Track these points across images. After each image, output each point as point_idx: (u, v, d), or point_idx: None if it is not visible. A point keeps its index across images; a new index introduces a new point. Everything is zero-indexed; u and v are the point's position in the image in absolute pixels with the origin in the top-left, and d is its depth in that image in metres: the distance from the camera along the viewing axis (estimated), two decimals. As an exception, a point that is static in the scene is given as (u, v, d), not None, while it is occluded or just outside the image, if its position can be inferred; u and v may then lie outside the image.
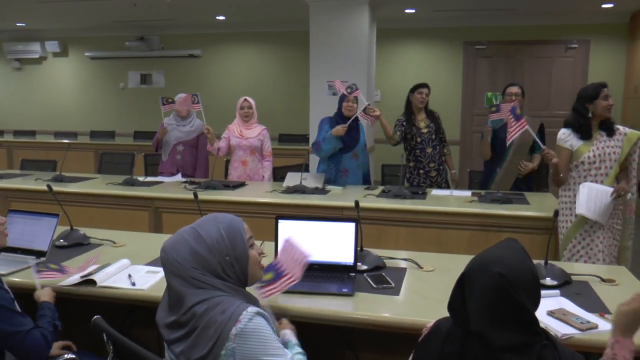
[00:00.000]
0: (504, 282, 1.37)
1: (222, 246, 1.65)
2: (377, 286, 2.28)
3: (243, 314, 1.57)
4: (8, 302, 1.92)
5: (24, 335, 1.88)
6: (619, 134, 3.38)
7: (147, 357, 1.55)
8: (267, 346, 1.57)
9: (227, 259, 1.65)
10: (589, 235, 3.34)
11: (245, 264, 1.69)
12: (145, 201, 4.41)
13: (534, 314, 1.40)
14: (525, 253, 1.47)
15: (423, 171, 4.78)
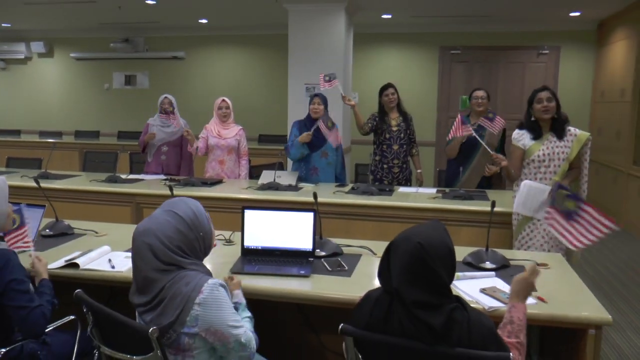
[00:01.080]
0: (420, 249, 1.63)
1: (196, 223, 1.89)
2: (331, 269, 2.54)
3: (205, 285, 1.81)
4: (23, 276, 2.13)
5: (29, 312, 2.09)
6: (569, 135, 3.66)
7: (123, 320, 1.78)
8: (226, 314, 1.82)
9: (200, 235, 1.89)
10: (537, 228, 3.62)
11: (211, 239, 1.94)
12: (127, 197, 4.63)
13: (446, 281, 1.65)
14: (445, 232, 1.73)
15: (387, 166, 5.04)
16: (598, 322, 2.04)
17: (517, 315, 1.85)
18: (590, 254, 5.99)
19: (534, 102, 3.67)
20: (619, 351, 3.62)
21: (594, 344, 2.03)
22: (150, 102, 9.35)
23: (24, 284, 2.12)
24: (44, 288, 2.28)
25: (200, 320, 1.79)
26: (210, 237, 1.96)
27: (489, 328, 1.64)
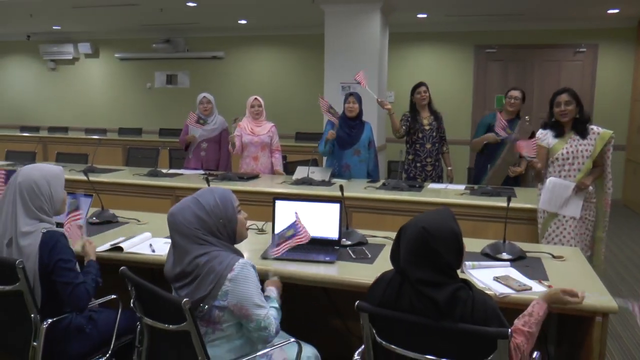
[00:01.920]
0: (424, 233, 1.79)
1: (217, 210, 2.09)
2: (355, 257, 2.70)
3: (236, 264, 2.01)
4: (69, 257, 2.37)
5: (73, 287, 2.31)
6: (592, 134, 3.72)
7: (161, 294, 1.99)
8: (253, 293, 2.02)
9: (220, 221, 2.09)
10: (562, 225, 3.70)
11: (234, 225, 2.13)
12: (168, 190, 4.87)
13: (449, 263, 1.80)
14: (451, 218, 1.87)
15: (420, 164, 5.15)
16: (604, 310, 2.14)
17: (538, 311, 1.99)
18: (621, 251, 6.00)
19: (554, 105, 3.76)
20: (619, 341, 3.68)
21: (601, 331, 2.13)
22: (191, 100, 9.62)
23: (70, 262, 2.35)
24: (90, 268, 2.50)
25: (230, 295, 1.99)
26: (234, 224, 2.15)
27: (492, 307, 1.77)
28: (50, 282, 2.32)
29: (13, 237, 2.34)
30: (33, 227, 2.35)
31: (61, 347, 2.37)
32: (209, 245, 2.06)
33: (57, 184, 2.47)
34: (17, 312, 2.30)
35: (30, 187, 2.38)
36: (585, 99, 8.56)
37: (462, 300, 1.75)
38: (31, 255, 2.30)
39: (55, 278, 2.31)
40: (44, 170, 2.47)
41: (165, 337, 2.07)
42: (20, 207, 2.35)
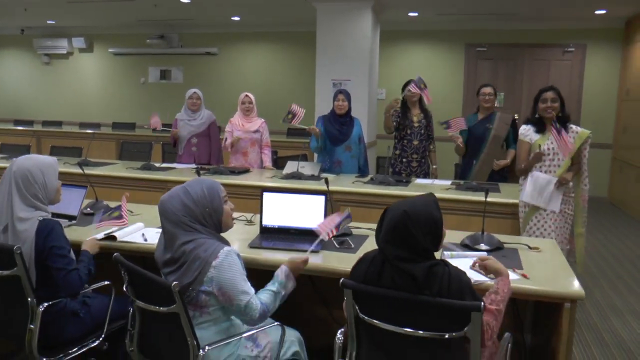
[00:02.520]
0: (405, 216, 1.92)
1: (203, 200, 2.20)
2: (339, 246, 2.81)
3: (221, 252, 2.13)
4: (64, 244, 2.47)
5: (66, 273, 2.42)
6: (571, 132, 3.84)
7: (152, 278, 2.10)
8: (236, 280, 2.14)
9: (207, 210, 2.20)
10: (543, 218, 3.82)
11: (220, 215, 2.25)
12: (160, 183, 4.96)
13: (426, 246, 1.93)
14: (433, 204, 1.99)
15: (406, 160, 5.26)
16: (572, 296, 2.27)
17: (502, 288, 2.10)
18: (604, 246, 6.14)
19: (539, 101, 3.88)
20: (620, 341, 3.79)
21: (570, 316, 2.25)
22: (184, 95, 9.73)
23: (64, 249, 2.45)
24: (83, 257, 2.61)
25: (214, 281, 2.10)
26: (220, 214, 2.25)
27: (466, 282, 1.91)
28: (44, 267, 2.42)
29: (9, 224, 2.44)
30: (29, 214, 2.45)
31: (56, 330, 2.47)
32: (196, 233, 2.16)
33: (50, 173, 2.57)
34: (13, 297, 2.40)
35: (24, 175, 2.48)
36: (573, 98, 8.74)
37: (438, 275, 1.88)
38: (27, 240, 2.40)
39: (50, 264, 2.41)
40: (37, 160, 2.57)
41: (156, 319, 2.18)
42: (16, 195, 2.45)
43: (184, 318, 2.01)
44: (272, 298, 2.27)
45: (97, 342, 2.55)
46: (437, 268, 1.90)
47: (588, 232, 6.57)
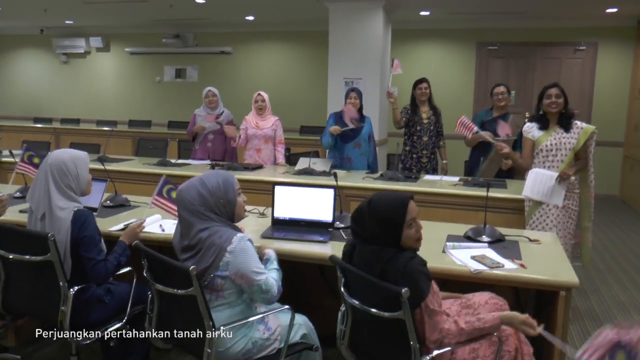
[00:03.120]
0: (368, 202, 2.18)
1: (218, 192, 2.35)
2: (347, 237, 2.93)
3: (234, 238, 2.27)
4: (95, 234, 2.63)
5: (95, 263, 2.58)
6: (576, 128, 3.94)
7: (171, 263, 2.25)
8: (251, 262, 2.29)
9: (221, 201, 2.35)
10: (545, 213, 3.92)
11: (234, 206, 2.40)
12: (176, 179, 5.07)
13: (374, 235, 2.14)
14: (401, 205, 2.15)
15: (416, 156, 5.38)
16: (567, 285, 2.38)
17: (486, 321, 2.11)
18: (612, 243, 6.21)
19: (544, 97, 3.98)
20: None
21: (565, 304, 2.36)
22: (199, 94, 9.86)
23: (95, 239, 2.61)
24: (117, 247, 2.78)
25: (230, 266, 2.24)
26: (233, 205, 2.40)
27: (421, 273, 2.07)
28: (78, 255, 2.59)
29: (47, 212, 2.61)
30: (66, 204, 2.63)
31: (83, 315, 2.63)
32: (210, 221, 2.31)
33: (82, 166, 2.75)
34: (47, 280, 2.56)
35: (59, 167, 2.66)
36: (584, 96, 8.80)
37: (399, 261, 2.08)
38: (62, 229, 2.57)
39: (82, 252, 2.58)
40: (71, 154, 2.76)
41: (174, 302, 2.33)
42: (52, 185, 2.63)
43: (200, 300, 2.15)
44: (278, 274, 2.47)
45: (119, 325, 2.70)
46: (399, 255, 2.10)
47: (598, 228, 6.67)
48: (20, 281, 2.72)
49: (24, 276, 2.69)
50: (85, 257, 2.57)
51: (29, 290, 2.72)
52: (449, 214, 4.39)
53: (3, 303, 2.77)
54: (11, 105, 12.49)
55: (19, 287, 2.74)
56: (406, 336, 2.02)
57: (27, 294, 2.74)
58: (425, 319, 2.06)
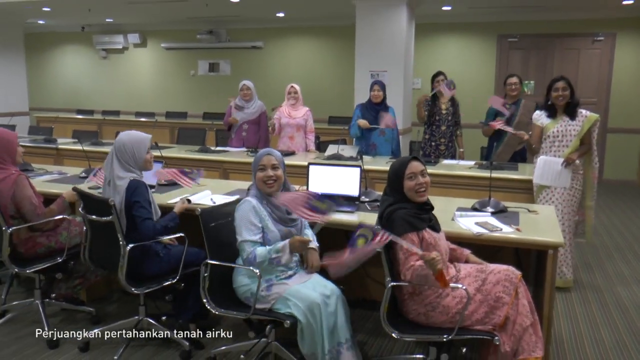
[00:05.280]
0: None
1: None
2: (371, 209, 3.43)
3: (243, 200, 2.86)
4: (143, 199, 3.18)
5: (142, 220, 3.14)
6: (581, 116, 4.37)
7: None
8: (241, 222, 2.88)
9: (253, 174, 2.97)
10: (551, 192, 4.36)
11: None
12: (217, 164, 5.67)
13: (386, 187, 2.78)
14: (401, 161, 2.82)
15: (434, 144, 5.83)
16: (553, 244, 2.83)
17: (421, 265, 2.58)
18: (624, 225, 6.58)
19: (552, 90, 4.39)
20: (620, 302, 4.29)
21: (552, 261, 2.81)
22: (232, 87, 10.41)
23: (143, 202, 3.17)
24: (167, 215, 3.31)
25: (235, 219, 2.97)
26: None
27: (397, 217, 2.66)
28: (131, 216, 3.16)
29: (111, 180, 3.24)
30: (124, 174, 3.23)
31: (141, 267, 3.20)
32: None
33: (139, 147, 3.31)
34: (111, 238, 3.13)
35: (119, 146, 3.29)
36: (602, 85, 9.13)
37: (393, 212, 2.68)
38: (120, 193, 3.18)
39: (133, 212, 3.16)
40: (131, 135, 3.35)
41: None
42: (115, 159, 3.26)
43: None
44: (264, 255, 2.83)
45: (172, 281, 3.23)
46: (393, 206, 2.71)
47: (613, 211, 7.03)
48: (97, 238, 3.31)
49: (99, 234, 3.28)
50: (135, 216, 3.15)
51: (102, 245, 3.30)
52: (463, 193, 4.83)
53: (89, 255, 3.36)
54: (55, 98, 13.23)
55: (97, 243, 3.33)
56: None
57: (101, 249, 3.33)
58: (398, 256, 2.65)
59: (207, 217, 2.94)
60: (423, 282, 2.58)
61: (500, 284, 2.63)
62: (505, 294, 2.60)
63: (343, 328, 2.82)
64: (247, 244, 2.86)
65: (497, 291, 2.61)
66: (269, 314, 2.84)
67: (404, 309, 2.74)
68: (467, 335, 2.60)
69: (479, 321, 2.60)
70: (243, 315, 2.86)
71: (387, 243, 2.54)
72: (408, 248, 2.53)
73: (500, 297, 2.61)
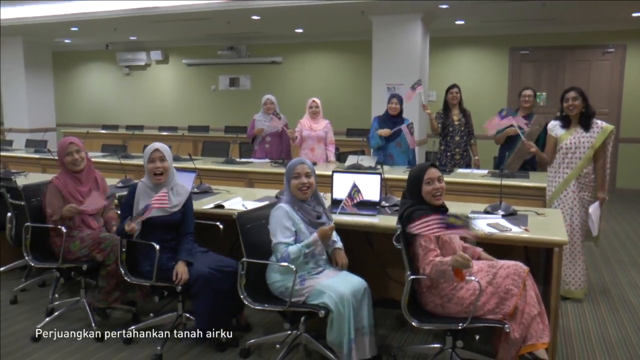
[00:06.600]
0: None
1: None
2: (391, 212, 3.71)
3: (276, 206, 3.14)
4: (126, 201, 3.59)
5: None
6: (596, 127, 4.44)
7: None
8: (276, 226, 3.17)
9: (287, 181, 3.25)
10: (562, 202, 4.53)
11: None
12: (242, 174, 5.98)
13: (405, 191, 3.05)
14: (419, 168, 3.10)
15: (450, 154, 6.10)
16: (558, 243, 3.09)
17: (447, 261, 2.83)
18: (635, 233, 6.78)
19: (563, 100, 4.51)
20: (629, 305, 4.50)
21: (558, 258, 3.07)
22: (252, 101, 10.83)
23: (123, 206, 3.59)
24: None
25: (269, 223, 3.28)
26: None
27: (414, 216, 2.86)
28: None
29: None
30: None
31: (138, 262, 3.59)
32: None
33: (145, 158, 3.62)
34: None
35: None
36: (613, 96, 9.35)
37: (411, 211, 2.94)
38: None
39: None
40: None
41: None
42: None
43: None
44: (298, 252, 3.15)
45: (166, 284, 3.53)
46: (412, 207, 2.98)
47: (627, 219, 7.22)
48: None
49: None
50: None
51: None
52: (477, 200, 5.06)
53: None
54: (81, 114, 13.71)
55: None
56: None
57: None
58: (417, 250, 2.92)
59: (243, 220, 3.25)
60: (442, 277, 2.85)
61: (510, 277, 2.90)
62: (514, 286, 2.86)
63: (366, 316, 3.15)
64: (281, 245, 3.16)
65: (506, 284, 2.88)
66: (304, 306, 3.13)
67: (422, 300, 3.02)
68: (480, 323, 2.87)
69: (491, 311, 2.87)
70: (280, 307, 3.15)
71: (408, 241, 2.83)
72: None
73: (510, 289, 2.87)
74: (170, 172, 3.59)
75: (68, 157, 3.86)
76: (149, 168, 3.52)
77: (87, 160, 3.96)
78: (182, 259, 3.44)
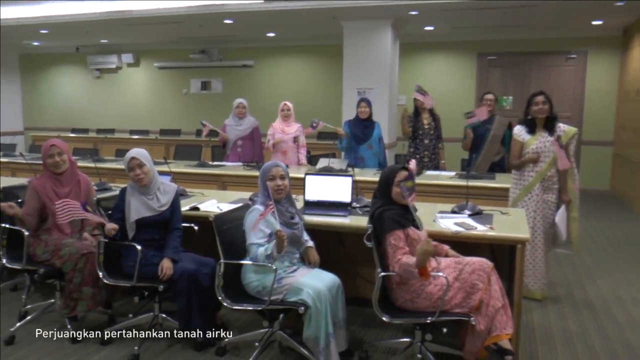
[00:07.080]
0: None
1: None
2: (362, 213, 3.84)
3: (251, 208, 3.25)
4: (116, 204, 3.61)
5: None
6: (559, 131, 4.55)
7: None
8: (250, 227, 3.24)
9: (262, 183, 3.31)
10: (526, 204, 4.64)
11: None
12: (215, 177, 6.04)
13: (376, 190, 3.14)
14: (391, 169, 3.21)
15: (419, 156, 6.25)
16: (521, 240, 3.25)
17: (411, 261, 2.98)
18: (601, 232, 7.04)
19: (532, 104, 4.58)
20: (589, 303, 4.70)
21: (521, 254, 3.23)
22: (224, 104, 10.88)
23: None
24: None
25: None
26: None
27: (385, 218, 3.06)
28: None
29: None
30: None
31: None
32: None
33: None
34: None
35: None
36: (576, 100, 9.66)
37: (380, 211, 3.07)
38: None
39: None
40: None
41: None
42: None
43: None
44: (263, 251, 3.21)
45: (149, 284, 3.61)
46: (382, 207, 3.12)
47: (588, 221, 7.47)
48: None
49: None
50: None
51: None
52: (445, 200, 5.20)
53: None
54: (50, 117, 13.57)
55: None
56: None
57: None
58: (387, 250, 3.05)
59: (220, 221, 3.33)
60: (408, 276, 2.98)
61: (475, 272, 3.04)
62: (479, 281, 3.01)
63: (341, 311, 3.30)
64: (253, 246, 3.26)
65: (472, 279, 3.02)
66: (283, 304, 3.23)
67: (393, 296, 3.15)
68: (447, 317, 3.02)
69: (458, 305, 3.02)
70: (260, 307, 3.23)
71: (378, 239, 2.97)
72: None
73: (476, 284, 3.01)
74: (152, 174, 3.67)
75: (49, 159, 3.88)
76: (131, 176, 3.60)
77: (70, 163, 3.98)
78: (168, 256, 3.52)
